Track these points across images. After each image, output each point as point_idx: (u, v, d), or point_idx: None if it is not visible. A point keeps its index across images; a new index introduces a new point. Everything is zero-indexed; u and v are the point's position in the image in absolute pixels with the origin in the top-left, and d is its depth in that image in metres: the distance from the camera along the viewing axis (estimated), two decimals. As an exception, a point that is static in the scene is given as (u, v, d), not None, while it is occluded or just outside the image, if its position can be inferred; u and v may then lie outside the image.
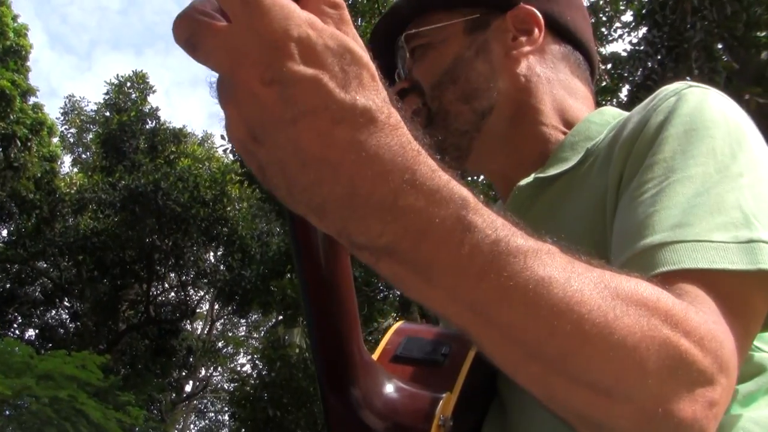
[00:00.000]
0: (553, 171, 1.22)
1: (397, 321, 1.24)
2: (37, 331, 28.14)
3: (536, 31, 1.33)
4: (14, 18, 23.03)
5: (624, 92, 14.76)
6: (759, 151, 1.01)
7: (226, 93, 0.62)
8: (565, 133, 1.29)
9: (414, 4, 1.37)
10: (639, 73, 11.22)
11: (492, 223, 0.69)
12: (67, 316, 28.20)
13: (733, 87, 9.63)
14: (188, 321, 29.68)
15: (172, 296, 28.65)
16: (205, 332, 31.70)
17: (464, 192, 0.68)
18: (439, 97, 1.30)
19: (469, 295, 0.68)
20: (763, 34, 9.90)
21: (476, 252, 0.67)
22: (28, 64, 23.42)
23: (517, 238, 0.70)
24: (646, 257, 0.88)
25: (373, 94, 0.63)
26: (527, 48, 1.32)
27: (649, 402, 0.73)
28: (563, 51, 1.37)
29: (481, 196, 0.71)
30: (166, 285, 27.94)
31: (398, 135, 0.64)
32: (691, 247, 0.85)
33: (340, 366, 0.94)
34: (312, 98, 0.60)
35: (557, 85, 1.33)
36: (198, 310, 30.54)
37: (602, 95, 17.25)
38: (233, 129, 0.63)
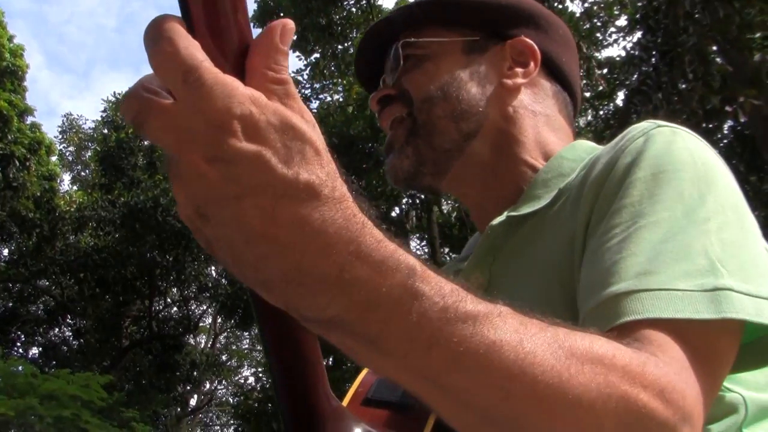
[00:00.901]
0: (525, 209, 1.22)
1: None
2: (40, 349, 28.14)
3: (532, 64, 1.33)
4: (10, 38, 23.09)
5: (620, 97, 14.78)
6: (728, 191, 1.00)
7: (173, 170, 0.63)
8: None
9: (414, 15, 1.36)
10: (634, 78, 11.23)
11: (440, 290, 0.68)
12: (70, 334, 28.21)
13: (728, 89, 9.63)
14: (191, 335, 29.71)
15: (175, 311, 28.67)
16: (209, 346, 31.70)
17: (411, 260, 0.68)
18: (428, 110, 1.29)
19: (420, 362, 0.67)
20: (757, 35, 9.90)
21: (424, 320, 0.66)
22: (25, 84, 23.51)
23: (467, 304, 0.69)
24: (611, 306, 0.87)
25: (316, 169, 0.64)
26: (521, 80, 1.32)
27: None
28: (554, 89, 1.38)
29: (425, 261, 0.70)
30: (168, 300, 27.97)
31: (342, 208, 0.64)
32: (656, 295, 0.85)
33: (306, 416, 0.93)
34: (255, 175, 0.61)
35: (542, 119, 1.33)
36: (201, 325, 30.57)
37: (599, 100, 17.28)
38: (181, 205, 0.64)
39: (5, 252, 26.11)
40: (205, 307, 29.73)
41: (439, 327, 0.67)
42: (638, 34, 12.23)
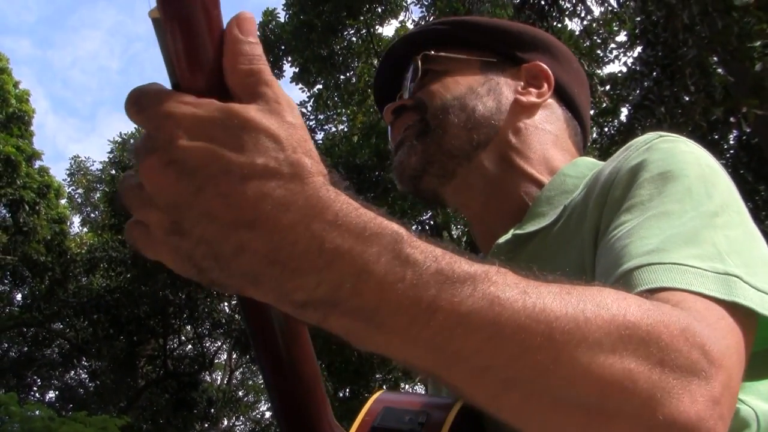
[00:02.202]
0: (530, 227, 1.22)
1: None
2: (57, 392, 28.18)
3: (545, 86, 1.38)
4: (16, 84, 23.31)
5: (624, 112, 14.78)
6: (731, 194, 1.00)
7: (141, 198, 0.66)
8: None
9: (436, 33, 1.42)
10: (637, 93, 11.24)
11: (431, 253, 0.66)
12: (86, 376, 28.25)
13: (731, 100, 9.62)
14: (207, 372, 29.60)
15: (189, 349, 28.63)
16: (225, 382, 31.59)
17: (395, 226, 0.67)
18: (443, 117, 1.32)
19: (425, 331, 0.65)
20: (757, 44, 9.89)
21: (421, 284, 0.64)
22: (32, 128, 23.68)
23: (462, 264, 0.67)
24: (624, 280, 0.85)
25: (273, 152, 0.64)
26: (535, 99, 1.37)
27: (645, 410, 0.68)
28: (565, 115, 1.42)
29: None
30: (183, 338, 27.92)
31: (311, 182, 0.65)
32: (669, 268, 0.83)
33: None
34: (209, 166, 0.62)
35: (551, 137, 1.36)
36: (216, 361, 30.50)
37: (603, 117, 17.29)
38: (159, 232, 0.66)
39: (18, 297, 26.25)
40: (219, 344, 29.66)
41: (437, 290, 0.65)
42: (638, 49, 12.25)
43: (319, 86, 21.99)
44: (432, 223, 19.42)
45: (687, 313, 0.76)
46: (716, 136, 12.19)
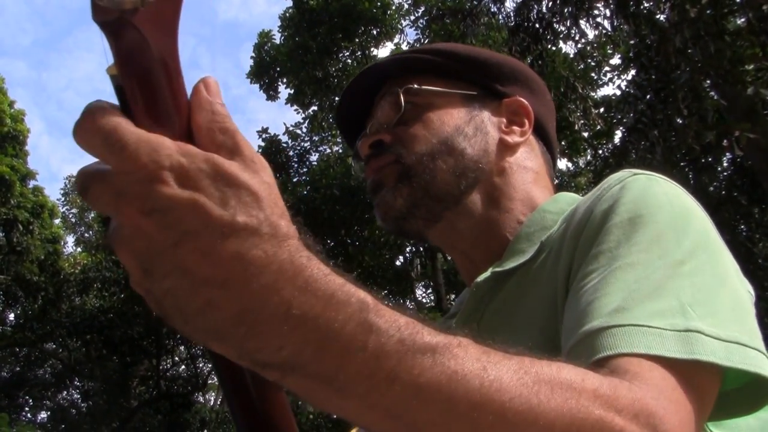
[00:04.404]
0: (509, 264, 1.22)
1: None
2: (49, 413, 28.03)
3: (527, 123, 1.36)
4: (11, 104, 23.31)
5: (618, 134, 14.86)
6: (704, 235, 1.00)
7: (115, 236, 0.64)
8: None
9: (413, 63, 1.36)
10: (630, 116, 11.30)
11: (395, 322, 0.67)
12: (79, 397, 28.12)
13: (723, 124, 9.67)
14: (200, 393, 29.49)
15: (183, 369, 28.52)
16: (218, 403, 31.44)
17: (362, 294, 0.67)
18: (430, 164, 1.28)
19: (383, 399, 0.65)
20: (750, 68, 9.95)
21: (382, 354, 0.65)
22: (27, 148, 23.66)
23: (424, 336, 0.67)
24: (586, 344, 0.86)
25: (254, 211, 0.64)
26: (518, 138, 1.35)
27: None
28: (542, 149, 1.41)
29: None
30: (176, 358, 27.82)
31: (286, 245, 0.64)
32: (628, 331, 0.84)
33: None
34: (191, 219, 0.61)
35: (532, 175, 1.35)
36: (209, 382, 30.37)
37: (597, 139, 17.38)
38: (130, 271, 0.65)
39: (11, 316, 26.11)
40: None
41: (397, 360, 0.65)
42: (632, 72, 12.34)
43: (314, 108, 22.04)
44: (426, 244, 19.40)
45: (643, 388, 0.77)
46: (710, 159, 12.27)
